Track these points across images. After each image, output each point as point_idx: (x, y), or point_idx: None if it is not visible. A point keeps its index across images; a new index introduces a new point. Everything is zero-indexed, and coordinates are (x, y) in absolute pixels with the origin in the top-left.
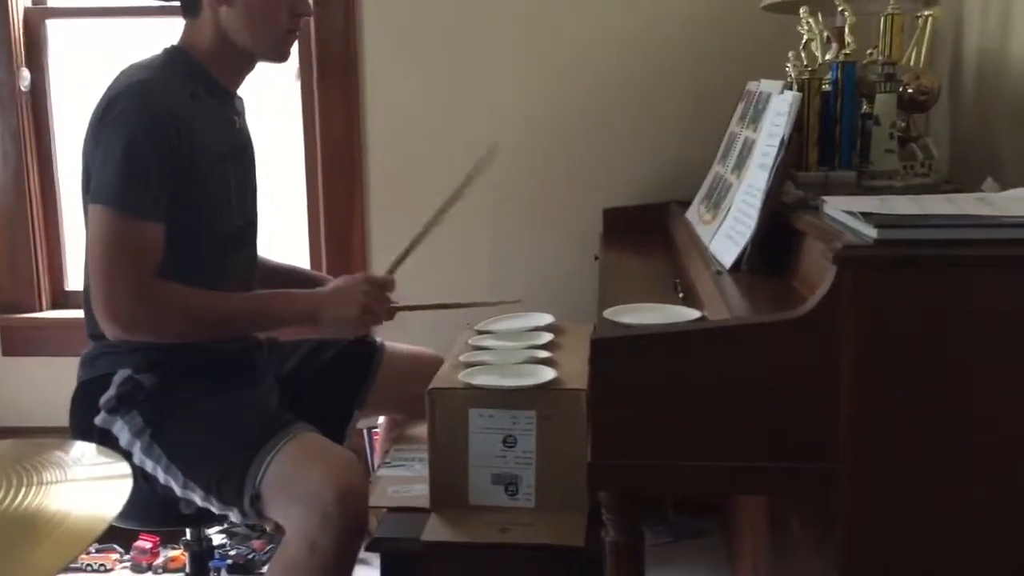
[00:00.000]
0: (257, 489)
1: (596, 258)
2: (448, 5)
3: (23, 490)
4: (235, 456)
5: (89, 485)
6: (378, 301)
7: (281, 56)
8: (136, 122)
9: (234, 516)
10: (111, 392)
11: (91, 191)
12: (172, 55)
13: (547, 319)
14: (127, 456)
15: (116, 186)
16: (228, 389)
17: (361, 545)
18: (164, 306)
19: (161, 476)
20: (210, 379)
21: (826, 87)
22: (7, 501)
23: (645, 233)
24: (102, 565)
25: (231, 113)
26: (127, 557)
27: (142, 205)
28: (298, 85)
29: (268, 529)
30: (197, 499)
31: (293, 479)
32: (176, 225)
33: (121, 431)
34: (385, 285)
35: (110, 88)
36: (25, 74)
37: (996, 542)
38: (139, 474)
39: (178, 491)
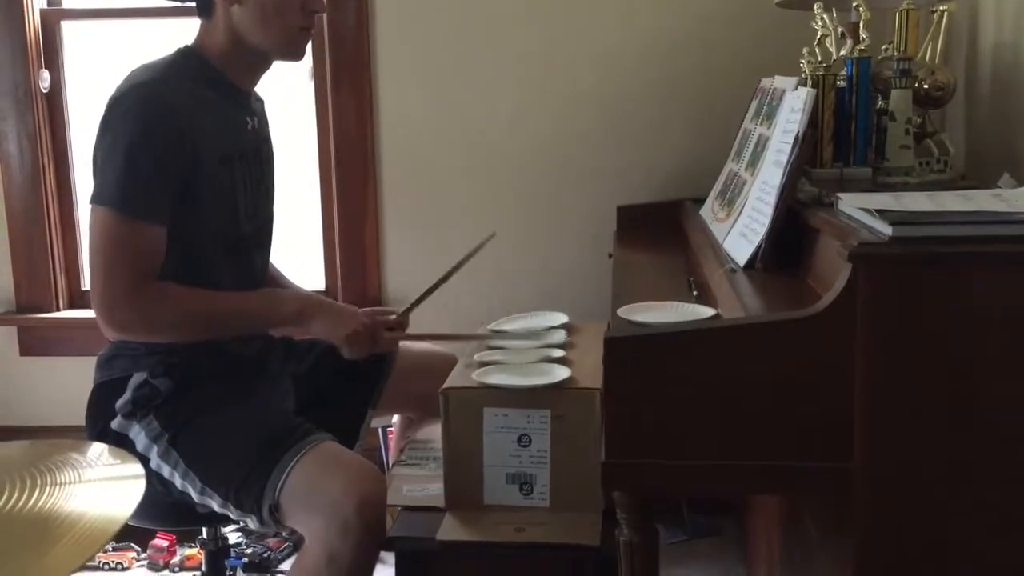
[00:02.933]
0: (276, 499)
1: (610, 256)
2: (460, 5)
3: (38, 491)
4: (254, 465)
5: (104, 486)
6: (371, 335)
7: (295, 54)
8: (136, 124)
9: (252, 523)
10: (127, 396)
11: (92, 192)
12: (182, 55)
13: (561, 318)
14: (144, 461)
15: (116, 188)
16: (245, 393)
17: (379, 555)
18: (159, 308)
19: (178, 482)
20: (227, 383)
21: (841, 83)
22: (24, 502)
23: (659, 231)
24: (119, 563)
25: (244, 114)
26: (144, 556)
27: (142, 207)
28: (311, 85)
29: (285, 534)
30: (215, 505)
31: (313, 489)
32: (176, 227)
33: (138, 436)
34: (381, 327)
35: (115, 89)
36: (45, 75)
37: (1012, 540)
38: (155, 479)
39: (195, 497)
